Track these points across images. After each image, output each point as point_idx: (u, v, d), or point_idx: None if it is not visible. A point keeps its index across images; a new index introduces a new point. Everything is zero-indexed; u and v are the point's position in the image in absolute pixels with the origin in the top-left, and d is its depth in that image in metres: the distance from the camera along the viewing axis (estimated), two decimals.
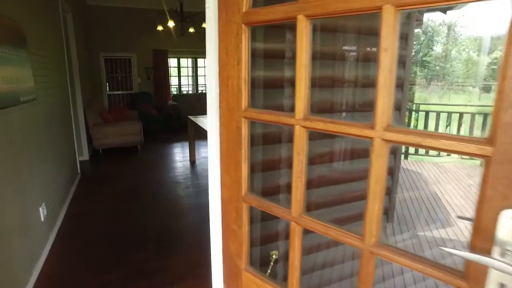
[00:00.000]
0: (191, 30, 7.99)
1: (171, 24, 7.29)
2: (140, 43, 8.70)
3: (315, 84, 1.49)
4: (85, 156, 5.59)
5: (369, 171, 0.69)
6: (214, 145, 1.13)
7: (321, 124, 0.77)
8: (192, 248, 2.81)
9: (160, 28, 7.80)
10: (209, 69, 1.12)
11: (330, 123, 0.75)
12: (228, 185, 1.06)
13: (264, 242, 1.65)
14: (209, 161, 1.19)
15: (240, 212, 1.02)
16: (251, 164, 1.02)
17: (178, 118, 8.59)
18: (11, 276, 2.05)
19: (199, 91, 9.91)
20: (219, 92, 1.05)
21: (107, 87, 8.67)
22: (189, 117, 5.30)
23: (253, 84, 0.98)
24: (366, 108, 2.10)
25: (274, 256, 1.31)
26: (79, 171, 4.75)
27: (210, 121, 1.14)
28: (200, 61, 9.74)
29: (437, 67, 17.33)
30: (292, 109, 0.83)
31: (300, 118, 0.81)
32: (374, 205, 0.70)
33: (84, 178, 4.69)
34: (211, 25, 1.05)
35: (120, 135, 5.86)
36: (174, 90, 9.59)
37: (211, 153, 1.17)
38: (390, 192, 2.80)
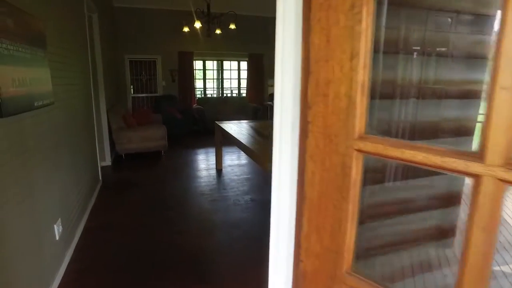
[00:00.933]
0: (218, 31, 7.70)
1: (197, 25, 7.02)
2: (166, 45, 8.49)
3: None
4: (108, 162, 5.36)
5: None
6: (287, 186, 0.75)
7: None
8: (225, 278, 2.44)
9: (186, 29, 7.55)
10: (280, 64, 0.72)
11: None
12: (316, 252, 0.67)
13: None
14: (274, 206, 0.81)
15: None
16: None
17: (203, 122, 8.30)
18: None
19: (224, 95, 9.61)
20: (307, 105, 0.66)
21: (132, 89, 8.51)
22: (217, 122, 4.96)
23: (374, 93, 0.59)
24: None
25: None
26: (100, 178, 4.49)
27: (279, 148, 0.76)
28: (226, 64, 9.44)
29: None
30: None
31: (496, 165, 0.42)
32: None
33: (106, 186, 4.43)
34: None
35: (144, 140, 5.60)
36: (198, 93, 9.34)
37: (278, 195, 0.78)
38: None
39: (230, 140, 4.34)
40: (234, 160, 5.77)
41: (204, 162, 5.69)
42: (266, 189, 4.37)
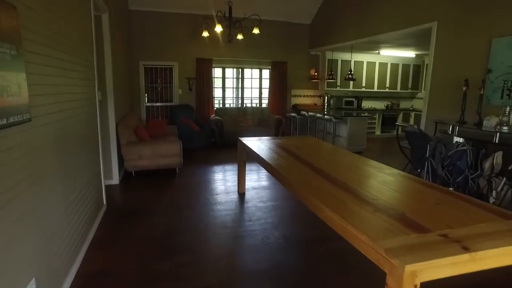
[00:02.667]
0: (240, 37, 7.07)
1: (218, 29, 6.41)
2: (183, 51, 7.92)
3: None
4: (115, 180, 4.72)
5: None
6: None
7: None
8: None
9: (205, 34, 6.96)
10: None
11: None
12: None
13: None
14: None
15: None
16: None
17: (221, 135, 7.64)
18: None
19: (244, 105, 8.94)
20: None
21: (146, 98, 7.94)
22: (241, 140, 4.26)
23: None
24: None
25: None
26: (104, 202, 3.84)
27: None
28: (246, 72, 8.80)
29: None
30: None
31: None
32: None
33: (111, 211, 3.77)
34: None
35: (157, 157, 4.95)
36: (216, 103, 8.70)
37: None
38: None
39: (256, 161, 3.64)
40: (258, 181, 5.05)
41: (224, 182, 4.99)
42: (299, 223, 3.62)
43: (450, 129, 4.19)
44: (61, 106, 2.42)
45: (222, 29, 6.49)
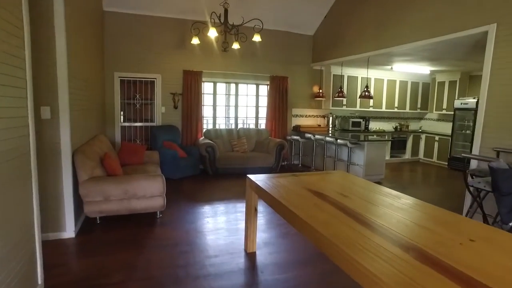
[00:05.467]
0: (236, 45, 5.92)
1: (212, 33, 5.23)
2: (168, 62, 6.69)
3: None
4: (69, 232, 3.33)
5: None
6: None
7: None
8: None
9: (195, 41, 5.77)
10: None
11: None
12: None
13: None
14: None
15: None
16: None
17: (213, 162, 6.35)
18: None
19: (239, 126, 7.71)
20: None
21: (121, 117, 6.60)
22: (251, 178, 3.00)
23: None
24: None
25: None
26: (40, 280, 2.44)
27: None
28: (241, 87, 7.61)
29: None
30: None
31: None
32: None
33: None
34: None
35: (130, 198, 3.60)
36: (205, 124, 7.43)
37: None
38: None
39: (284, 216, 2.39)
40: (270, 228, 3.76)
41: (223, 234, 3.66)
42: None
43: None
44: None
45: (217, 34, 5.31)
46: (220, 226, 3.85)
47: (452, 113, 8.26)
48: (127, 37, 6.33)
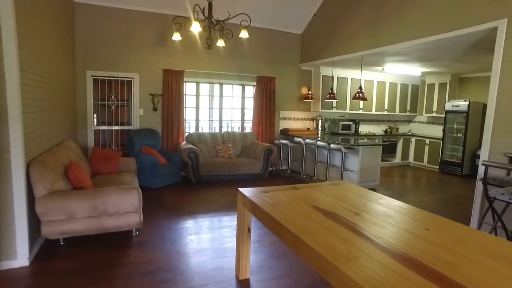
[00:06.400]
0: (221, 43, 5.46)
1: (195, 27, 4.74)
2: (146, 60, 6.14)
3: None
4: (21, 260, 2.76)
5: None
6: None
7: None
8: None
9: (176, 37, 5.26)
10: None
11: None
12: None
13: None
14: None
15: None
16: None
17: (196, 169, 5.83)
18: None
19: (223, 129, 7.21)
20: None
21: (94, 120, 5.99)
22: (244, 193, 2.51)
23: None
24: None
25: None
26: None
27: None
28: (226, 88, 7.12)
29: None
30: None
31: None
32: None
33: None
34: None
35: (100, 216, 3.06)
36: (187, 127, 6.90)
37: None
38: None
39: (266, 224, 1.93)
40: (263, 247, 3.28)
41: (209, 254, 3.16)
42: None
43: None
44: None
45: (200, 29, 4.82)
46: (206, 246, 3.35)
47: (442, 115, 8.07)
48: (101, 32, 5.74)
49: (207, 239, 3.53)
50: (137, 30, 5.99)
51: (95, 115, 6.00)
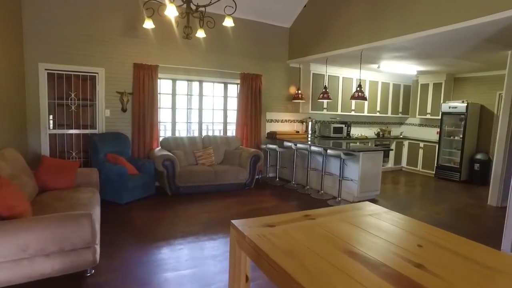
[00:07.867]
0: (200, 33, 4.67)
1: (171, 11, 3.92)
2: (113, 52, 5.25)
3: None
4: None
5: None
6: None
7: None
8: None
9: (148, 24, 4.43)
10: None
11: None
12: None
13: None
14: None
15: None
16: None
17: (172, 179, 5.00)
18: None
19: (203, 133, 6.39)
20: None
21: (50, 122, 5.04)
22: (236, 224, 1.75)
23: None
24: None
25: None
26: None
27: None
28: (207, 86, 6.32)
29: None
30: None
31: None
32: None
33: None
34: None
35: (35, 257, 2.20)
36: (162, 130, 6.05)
37: None
38: None
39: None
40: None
41: None
42: None
43: None
44: None
45: (177, 13, 4.01)
46: (189, 277, 2.55)
47: (437, 117, 7.61)
48: (56, 18, 4.81)
49: (188, 275, 2.73)
50: (100, 16, 5.09)
51: (50, 117, 5.04)
